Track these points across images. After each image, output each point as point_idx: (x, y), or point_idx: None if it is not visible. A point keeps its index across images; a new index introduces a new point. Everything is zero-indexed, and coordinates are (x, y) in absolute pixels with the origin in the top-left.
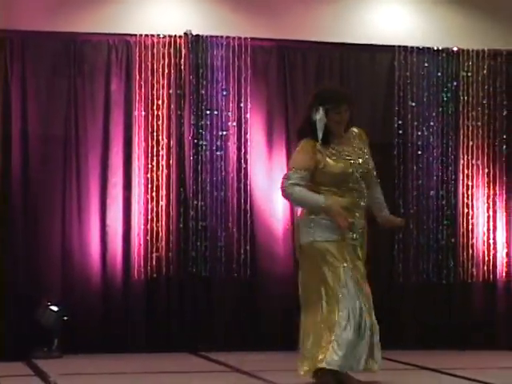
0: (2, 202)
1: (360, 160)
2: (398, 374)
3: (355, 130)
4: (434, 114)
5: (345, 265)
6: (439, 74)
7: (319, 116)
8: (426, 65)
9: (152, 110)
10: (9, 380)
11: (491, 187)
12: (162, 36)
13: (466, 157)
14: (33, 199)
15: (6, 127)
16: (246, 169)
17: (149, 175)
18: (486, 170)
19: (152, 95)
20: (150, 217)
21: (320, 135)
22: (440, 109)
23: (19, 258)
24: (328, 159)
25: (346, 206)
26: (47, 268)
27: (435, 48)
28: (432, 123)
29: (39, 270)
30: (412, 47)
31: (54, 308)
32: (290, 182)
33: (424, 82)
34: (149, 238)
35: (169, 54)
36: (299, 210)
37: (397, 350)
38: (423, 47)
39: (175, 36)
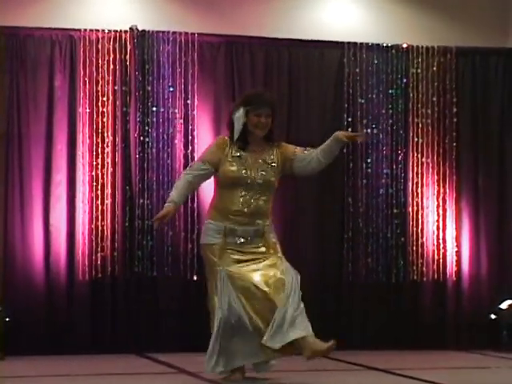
0: None
1: (260, 172)
2: (346, 375)
3: (283, 145)
4: (383, 111)
5: (220, 268)
6: (389, 70)
7: (238, 115)
8: (376, 61)
9: (97, 106)
10: None
11: (441, 185)
12: (106, 31)
13: (415, 154)
14: None
15: None
16: None
17: (94, 173)
18: (436, 168)
19: (97, 92)
20: (94, 215)
21: (236, 134)
22: (389, 106)
23: None
24: (227, 161)
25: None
26: None
27: (385, 44)
28: (381, 120)
29: None
30: (361, 43)
31: None
32: (185, 172)
33: (373, 79)
34: (93, 237)
35: (114, 49)
36: None
37: (345, 350)
38: (372, 44)
39: (120, 31)
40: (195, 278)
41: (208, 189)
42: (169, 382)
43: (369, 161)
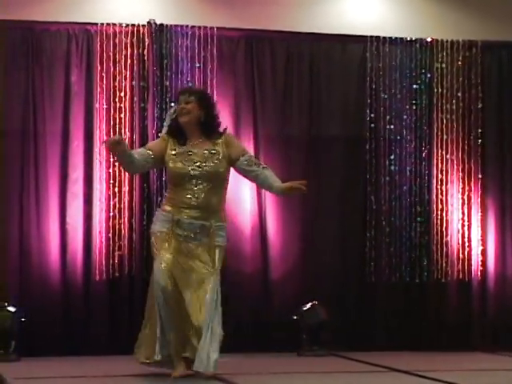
0: None
1: (206, 163)
2: (369, 376)
3: (230, 137)
4: (407, 106)
5: (161, 256)
6: (412, 65)
7: (169, 112)
8: (399, 56)
9: (114, 102)
10: None
11: (466, 183)
12: (124, 25)
13: (440, 151)
14: None
15: None
16: None
17: (111, 170)
18: (461, 165)
19: (114, 87)
20: (112, 214)
21: (164, 129)
22: (413, 101)
23: None
24: (171, 158)
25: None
26: (4, 267)
27: (408, 39)
28: (405, 116)
29: None
30: (384, 38)
31: (11, 309)
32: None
33: (397, 74)
34: (111, 235)
35: (131, 43)
36: None
37: (368, 351)
38: (396, 38)
39: (138, 25)
40: None
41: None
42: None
43: (392, 157)
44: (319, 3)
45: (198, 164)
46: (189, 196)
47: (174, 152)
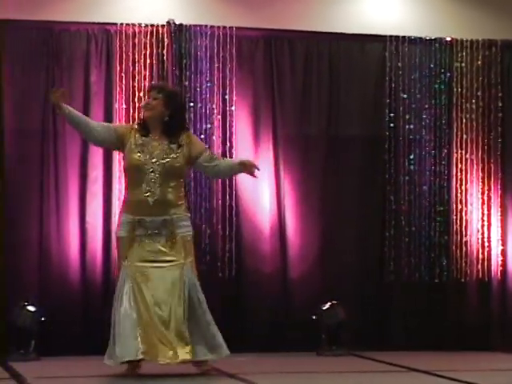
0: None
1: (163, 158)
2: (388, 376)
3: (190, 135)
4: (426, 106)
5: (123, 262)
6: (432, 65)
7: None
8: (419, 55)
9: (133, 102)
10: None
11: (486, 182)
12: (143, 25)
13: (459, 151)
14: (9, 196)
15: None
16: None
17: None
18: (481, 165)
19: (133, 87)
20: None
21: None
22: (433, 101)
23: None
24: (132, 149)
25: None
26: (24, 267)
27: (428, 38)
28: (424, 116)
29: (16, 269)
30: (404, 37)
31: (31, 308)
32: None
33: (416, 74)
34: None
35: (151, 43)
36: None
37: (386, 351)
38: (415, 37)
39: (157, 25)
40: (233, 275)
41: (247, 187)
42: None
43: (411, 157)
44: (339, 3)
45: (154, 157)
46: (146, 194)
47: (135, 143)
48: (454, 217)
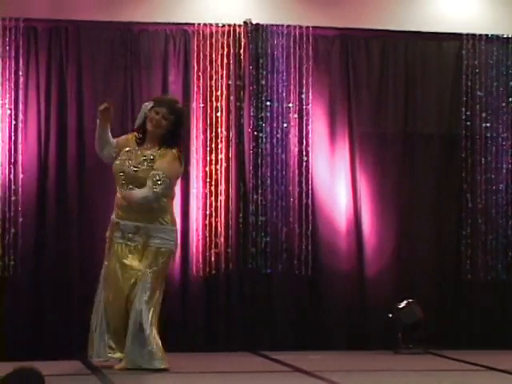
0: (56, 202)
1: (139, 166)
2: (465, 375)
3: (167, 149)
4: (503, 104)
5: (105, 263)
6: (509, 62)
7: (143, 108)
8: (495, 53)
9: (211, 101)
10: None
11: None
12: (220, 25)
13: None
14: (88, 195)
15: (63, 121)
16: (307, 162)
17: (207, 169)
18: None
19: (211, 86)
20: (208, 212)
21: (138, 121)
22: (510, 99)
23: (74, 259)
24: (119, 155)
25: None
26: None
27: (505, 36)
28: (501, 114)
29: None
30: (480, 35)
31: None
32: None
33: (493, 72)
34: (207, 233)
35: (228, 43)
36: None
37: (464, 349)
38: (492, 35)
39: (234, 25)
40: (309, 274)
41: (323, 185)
42: (284, 381)
43: (488, 155)
44: (414, 1)
45: (129, 165)
46: (122, 196)
47: (127, 151)
48: None
